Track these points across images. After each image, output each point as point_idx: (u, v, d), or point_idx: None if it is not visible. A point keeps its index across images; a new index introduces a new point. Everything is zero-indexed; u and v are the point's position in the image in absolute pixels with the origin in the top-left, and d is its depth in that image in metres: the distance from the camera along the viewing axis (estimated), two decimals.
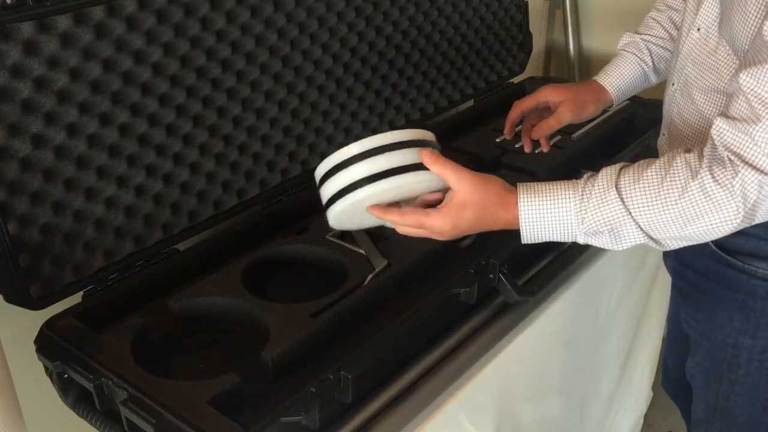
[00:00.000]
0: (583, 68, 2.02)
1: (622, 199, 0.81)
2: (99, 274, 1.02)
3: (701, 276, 1.02)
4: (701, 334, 1.06)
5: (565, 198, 0.83)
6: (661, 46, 1.14)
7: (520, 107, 1.18)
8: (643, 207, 0.80)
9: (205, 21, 1.06)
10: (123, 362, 0.89)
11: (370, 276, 1.02)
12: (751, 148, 0.74)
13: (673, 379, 1.32)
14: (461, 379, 0.98)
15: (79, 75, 0.94)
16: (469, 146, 1.42)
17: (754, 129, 0.73)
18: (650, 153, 1.41)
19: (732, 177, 0.75)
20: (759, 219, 0.78)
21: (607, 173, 0.83)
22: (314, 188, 1.31)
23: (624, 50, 1.16)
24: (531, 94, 1.19)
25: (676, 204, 0.78)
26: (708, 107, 0.92)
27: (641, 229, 0.81)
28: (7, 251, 0.90)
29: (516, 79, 1.71)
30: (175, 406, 0.81)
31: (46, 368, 0.93)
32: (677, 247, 0.83)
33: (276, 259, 1.10)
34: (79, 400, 0.91)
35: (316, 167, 1.17)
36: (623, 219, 0.81)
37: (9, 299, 0.93)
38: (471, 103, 1.62)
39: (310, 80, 1.24)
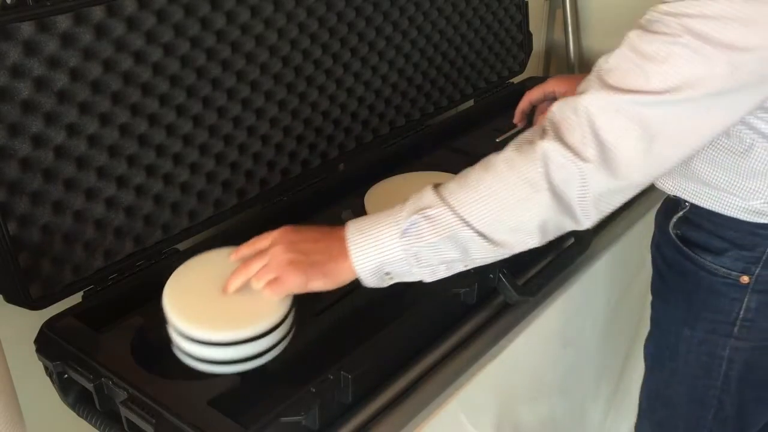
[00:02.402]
0: (583, 68, 2.01)
1: (437, 187, 0.81)
2: (99, 274, 1.02)
3: (666, 265, 1.04)
4: (653, 321, 1.10)
5: (387, 211, 0.83)
6: None
7: (528, 98, 1.22)
8: (454, 186, 0.79)
9: (205, 21, 1.06)
10: (123, 362, 0.89)
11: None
12: (571, 117, 0.75)
13: None
14: (461, 379, 0.98)
15: (79, 75, 0.94)
16: (469, 146, 1.42)
17: (578, 99, 0.75)
18: None
19: (538, 143, 0.76)
20: (576, 209, 0.77)
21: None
22: (314, 188, 1.32)
23: None
24: (539, 85, 1.21)
25: (494, 184, 0.78)
26: None
27: (465, 221, 0.78)
28: (7, 251, 0.90)
29: (516, 79, 1.71)
30: (175, 406, 0.81)
31: (46, 368, 0.93)
32: (511, 243, 0.80)
33: None
34: (79, 400, 0.91)
35: (316, 167, 1.17)
36: (436, 200, 0.79)
37: (9, 299, 0.93)
38: (471, 103, 1.62)
39: (310, 80, 1.24)
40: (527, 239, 0.81)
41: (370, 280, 0.83)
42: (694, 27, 0.69)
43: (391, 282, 0.84)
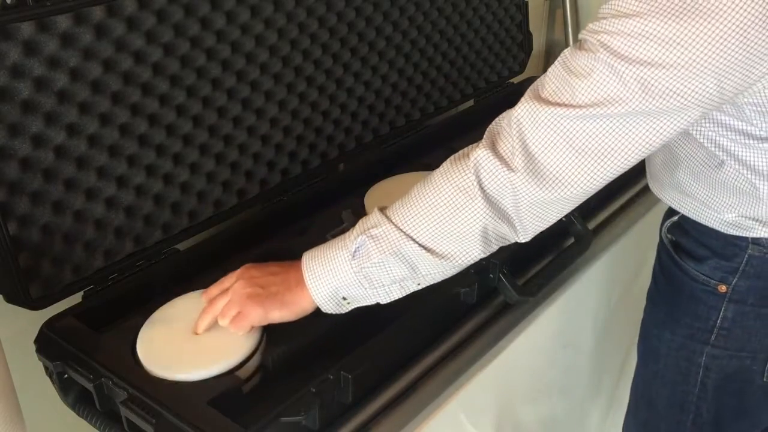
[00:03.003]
0: None
1: (383, 208, 0.84)
2: (99, 274, 1.02)
3: (660, 268, 1.07)
4: (642, 321, 1.12)
5: (339, 238, 0.86)
6: None
7: None
8: (407, 209, 0.82)
9: (205, 21, 1.06)
10: (123, 362, 0.89)
11: None
12: (506, 127, 0.78)
13: None
14: (461, 379, 0.98)
15: (79, 75, 0.94)
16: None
17: (510, 112, 0.78)
18: None
19: (473, 152, 0.79)
20: (514, 218, 0.79)
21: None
22: (314, 188, 1.32)
23: None
24: None
25: (432, 196, 0.80)
26: None
27: (408, 236, 0.80)
28: (7, 251, 0.90)
29: (516, 79, 1.71)
30: (175, 406, 0.81)
31: (46, 368, 0.93)
32: (456, 254, 0.81)
33: (276, 259, 1.10)
34: (79, 400, 0.91)
35: (316, 167, 1.18)
36: (381, 219, 0.82)
37: (9, 299, 0.93)
38: (471, 103, 1.62)
39: (310, 80, 1.24)
40: (470, 249, 0.82)
41: (327, 306, 0.86)
42: (610, 43, 0.69)
43: (350, 307, 0.87)
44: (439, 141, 1.45)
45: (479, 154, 0.78)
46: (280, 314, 0.87)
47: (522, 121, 0.76)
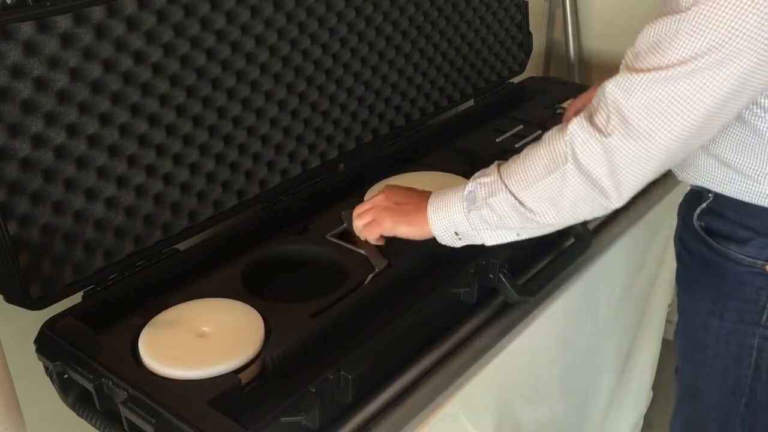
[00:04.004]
0: (583, 68, 2.01)
1: (498, 164, 0.93)
2: (99, 274, 1.02)
3: (692, 257, 1.06)
4: (680, 312, 1.11)
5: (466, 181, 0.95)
6: None
7: (575, 106, 1.29)
8: (512, 166, 0.90)
9: (205, 21, 1.06)
10: (123, 362, 0.89)
11: (370, 276, 1.02)
12: (601, 100, 0.83)
13: None
14: (461, 379, 0.98)
15: (79, 75, 0.94)
16: (469, 146, 1.42)
17: (605, 85, 0.83)
18: None
19: (569, 123, 0.85)
20: (604, 184, 0.84)
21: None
22: (314, 188, 1.32)
23: None
24: (584, 93, 1.30)
25: (532, 158, 0.88)
26: None
27: (507, 188, 0.89)
28: (7, 251, 0.90)
29: (516, 79, 1.71)
30: (175, 406, 0.81)
31: (46, 368, 0.93)
32: (548, 216, 0.88)
33: (276, 259, 1.10)
34: (79, 400, 0.91)
35: (316, 167, 1.19)
36: (493, 170, 0.92)
37: (9, 299, 0.93)
38: (471, 103, 1.62)
39: (310, 80, 1.24)
40: (558, 211, 0.88)
41: (443, 238, 0.97)
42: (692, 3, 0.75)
43: (461, 243, 0.96)
44: (439, 141, 1.45)
45: (575, 125, 0.84)
46: (407, 229, 0.98)
47: (616, 93, 0.81)
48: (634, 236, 1.34)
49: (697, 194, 1.02)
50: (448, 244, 0.97)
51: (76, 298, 1.00)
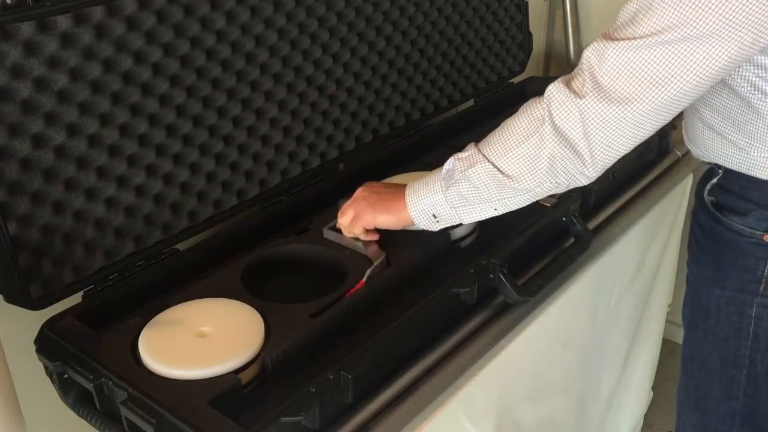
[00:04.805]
0: None
1: (475, 143, 0.96)
2: (99, 274, 1.02)
3: (702, 230, 1.10)
4: (689, 283, 1.14)
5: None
6: None
7: None
8: (490, 137, 0.94)
9: (205, 21, 1.06)
10: (123, 362, 0.89)
11: (368, 270, 1.02)
12: (579, 66, 0.87)
13: None
14: (461, 379, 0.98)
15: (79, 75, 0.94)
16: None
17: (584, 51, 0.87)
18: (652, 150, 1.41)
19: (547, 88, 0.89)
20: (580, 148, 0.86)
21: None
22: (314, 188, 1.32)
23: None
24: None
25: (510, 125, 0.92)
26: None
27: (485, 157, 0.92)
28: (7, 251, 0.90)
29: (516, 79, 1.72)
30: (175, 406, 0.81)
31: (46, 368, 0.93)
32: (526, 180, 0.91)
33: (276, 259, 1.10)
34: (79, 400, 0.91)
35: (316, 167, 1.19)
36: (471, 145, 0.95)
37: (9, 299, 0.93)
38: (471, 103, 1.62)
39: (310, 80, 1.24)
40: (536, 174, 0.90)
41: (421, 222, 1.00)
42: None
43: (438, 226, 1.00)
44: (439, 141, 1.45)
45: (552, 88, 0.88)
46: (386, 218, 1.02)
47: (591, 57, 0.85)
48: (634, 236, 1.35)
49: (710, 171, 1.07)
50: (425, 228, 1.00)
51: (76, 298, 1.00)
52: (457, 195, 0.95)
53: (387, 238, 1.10)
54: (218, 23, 1.07)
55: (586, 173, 0.89)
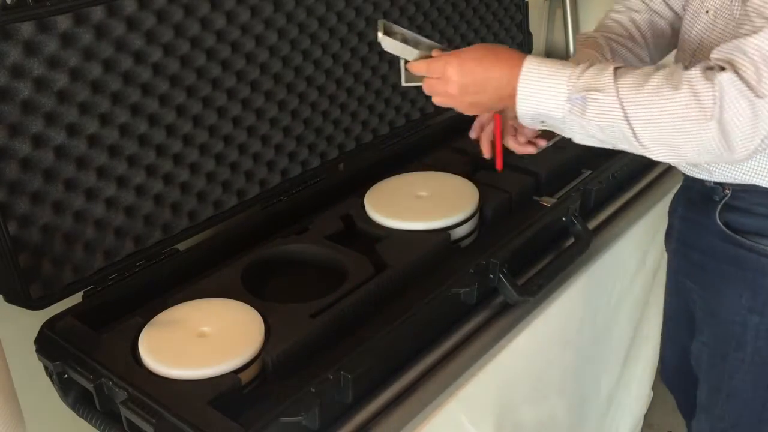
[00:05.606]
0: None
1: (617, 71, 0.84)
2: (99, 274, 1.02)
3: (707, 256, 1.03)
4: (709, 314, 1.07)
5: (566, 66, 0.87)
6: (622, 45, 1.11)
7: (479, 121, 1.20)
8: (631, 82, 0.82)
9: (205, 21, 1.06)
10: (123, 362, 0.89)
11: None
12: (741, 57, 0.78)
13: (671, 372, 1.32)
14: (461, 379, 0.98)
15: (79, 75, 0.94)
16: (469, 146, 1.41)
17: (746, 41, 0.78)
18: None
19: (717, 74, 0.79)
20: (737, 143, 0.79)
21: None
22: (314, 188, 1.32)
23: (582, 47, 1.12)
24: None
25: (659, 91, 0.81)
26: None
27: (626, 116, 0.82)
28: (7, 251, 0.90)
29: None
30: (175, 406, 0.81)
31: (46, 368, 0.93)
32: (663, 156, 0.84)
33: (276, 259, 1.10)
34: (79, 400, 0.91)
35: (316, 167, 1.17)
36: (610, 87, 0.83)
37: (9, 299, 0.93)
38: None
39: (310, 80, 1.24)
40: (679, 155, 0.84)
41: (525, 120, 0.91)
42: None
43: (543, 127, 0.92)
44: (439, 141, 1.45)
45: (725, 80, 0.78)
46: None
47: (765, 48, 0.76)
48: (634, 236, 1.34)
49: (707, 193, 1.01)
50: (526, 125, 0.92)
51: (76, 298, 1.00)
52: (579, 127, 0.86)
53: (387, 238, 1.10)
54: (218, 23, 1.07)
55: (727, 159, 0.83)
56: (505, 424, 1.12)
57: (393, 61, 1.38)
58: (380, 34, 0.97)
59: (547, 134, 1.07)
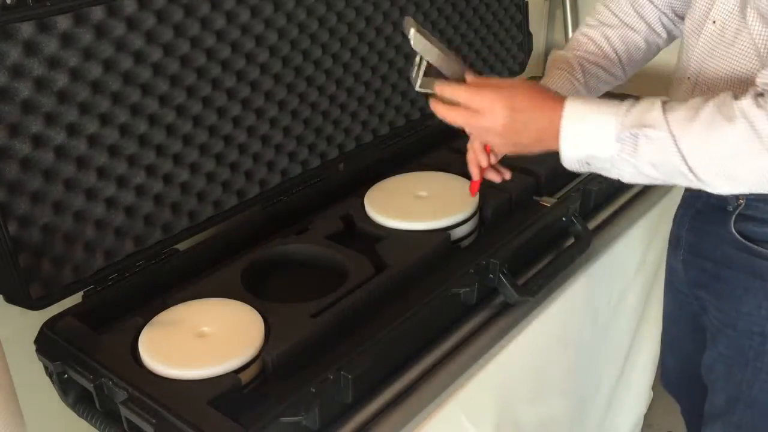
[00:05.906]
0: None
1: (665, 106, 0.80)
2: (99, 274, 1.02)
3: (722, 266, 1.02)
4: (725, 324, 1.05)
5: (611, 105, 0.83)
6: (594, 63, 1.09)
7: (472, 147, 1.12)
8: (683, 116, 0.79)
9: (205, 21, 1.06)
10: (123, 362, 0.89)
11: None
12: None
13: (674, 378, 1.32)
14: (461, 379, 0.98)
15: (79, 75, 0.94)
16: None
17: None
18: None
19: None
20: None
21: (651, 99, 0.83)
22: (314, 188, 1.32)
23: (553, 68, 1.09)
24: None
25: (713, 124, 0.77)
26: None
27: (680, 151, 0.79)
28: (7, 251, 0.90)
29: None
30: (175, 406, 0.81)
31: (46, 368, 0.93)
32: (721, 189, 0.81)
33: (276, 259, 1.10)
34: (79, 400, 0.91)
35: (316, 167, 1.17)
36: (662, 123, 0.79)
37: (9, 299, 0.93)
38: None
39: (310, 80, 1.24)
40: (734, 187, 0.81)
41: (570, 163, 0.86)
42: None
43: (588, 170, 0.86)
44: (439, 141, 1.45)
45: None
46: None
47: None
48: (634, 236, 1.35)
49: (718, 203, 0.99)
50: (571, 168, 0.87)
51: (76, 298, 1.00)
52: (629, 166, 0.82)
53: (387, 238, 1.10)
54: (218, 23, 1.07)
55: None
56: (505, 424, 1.12)
57: (393, 61, 1.38)
58: (413, 31, 0.91)
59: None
